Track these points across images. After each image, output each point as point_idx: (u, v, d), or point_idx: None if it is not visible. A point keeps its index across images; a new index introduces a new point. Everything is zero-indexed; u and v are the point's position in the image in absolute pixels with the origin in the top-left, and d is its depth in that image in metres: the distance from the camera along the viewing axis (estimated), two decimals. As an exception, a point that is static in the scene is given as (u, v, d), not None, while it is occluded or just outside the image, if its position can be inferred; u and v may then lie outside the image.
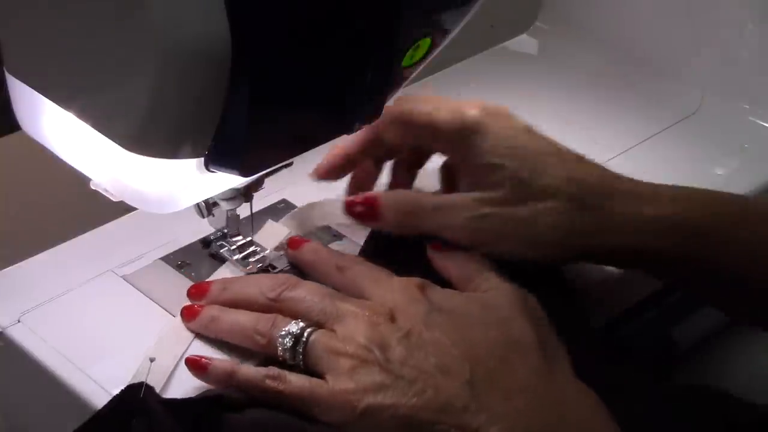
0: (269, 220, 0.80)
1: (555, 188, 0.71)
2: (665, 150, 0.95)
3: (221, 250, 0.78)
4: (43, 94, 0.66)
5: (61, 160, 0.70)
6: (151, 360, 0.68)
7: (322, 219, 0.80)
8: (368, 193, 0.75)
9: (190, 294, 0.72)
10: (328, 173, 0.78)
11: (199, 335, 0.71)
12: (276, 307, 0.68)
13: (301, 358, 0.65)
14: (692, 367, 0.87)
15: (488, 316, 0.66)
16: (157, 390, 0.66)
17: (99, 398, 0.69)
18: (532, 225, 0.71)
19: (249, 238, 0.78)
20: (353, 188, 0.80)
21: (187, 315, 0.71)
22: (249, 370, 0.66)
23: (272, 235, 0.78)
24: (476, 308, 0.67)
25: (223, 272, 0.77)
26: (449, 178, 0.77)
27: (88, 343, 0.73)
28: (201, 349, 0.70)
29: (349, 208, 0.74)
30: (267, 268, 0.78)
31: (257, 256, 0.78)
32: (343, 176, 0.79)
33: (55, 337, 0.73)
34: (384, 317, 0.65)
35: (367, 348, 0.64)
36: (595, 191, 0.72)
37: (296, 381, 0.64)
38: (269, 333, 0.67)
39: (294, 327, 0.66)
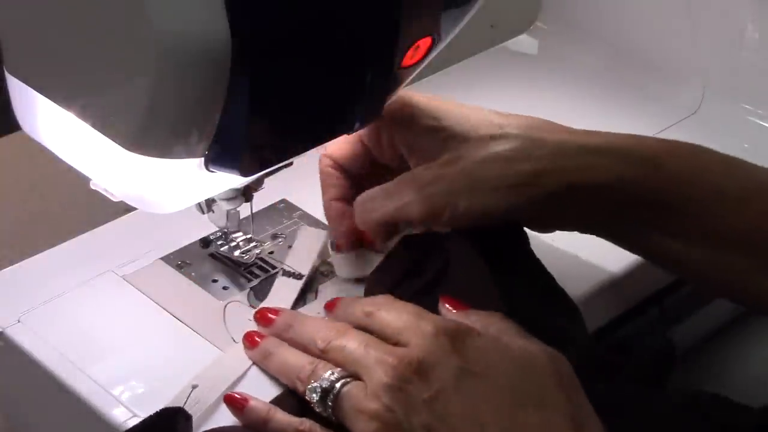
0: (303, 225, 0.78)
1: (495, 134, 0.70)
2: (665, 150, 0.95)
3: (221, 248, 0.78)
4: (43, 94, 0.66)
5: (61, 160, 0.70)
6: (193, 386, 0.67)
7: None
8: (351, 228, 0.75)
9: (256, 318, 0.72)
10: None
11: (250, 370, 0.70)
12: (324, 358, 0.66)
13: (330, 412, 0.64)
14: (691, 367, 0.87)
15: (523, 386, 0.62)
16: (195, 418, 0.65)
17: (99, 398, 0.69)
18: (479, 173, 0.69)
19: (249, 235, 0.78)
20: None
21: (249, 342, 0.70)
22: (283, 419, 0.65)
23: (312, 240, 0.77)
24: (512, 373, 0.62)
25: (284, 285, 0.76)
26: None
27: (88, 343, 0.73)
28: (252, 385, 0.69)
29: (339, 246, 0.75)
30: (264, 265, 0.78)
31: (257, 252, 0.78)
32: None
33: (55, 337, 0.73)
34: (412, 369, 0.62)
35: (392, 409, 0.61)
36: (540, 129, 0.71)
37: None
38: (306, 382, 0.65)
39: (324, 381, 0.64)
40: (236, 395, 0.67)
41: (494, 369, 0.62)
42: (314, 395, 0.64)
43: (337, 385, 0.63)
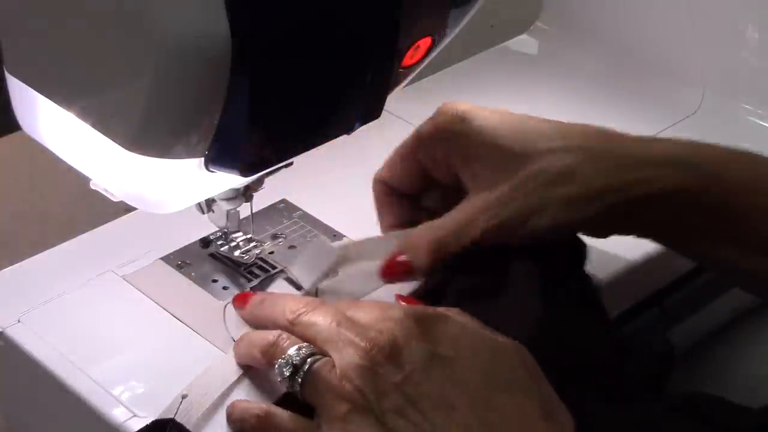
0: (318, 235, 0.77)
1: (554, 148, 0.70)
2: (665, 150, 0.95)
3: (221, 248, 0.78)
4: (43, 94, 0.66)
5: (61, 160, 0.70)
6: (183, 396, 0.66)
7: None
8: (394, 256, 0.73)
9: (234, 301, 0.72)
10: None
11: (243, 378, 0.69)
12: (292, 331, 0.66)
13: (298, 389, 0.63)
14: (691, 368, 0.87)
15: (494, 371, 0.62)
16: (188, 428, 0.65)
17: (99, 398, 0.69)
18: (545, 192, 0.69)
19: (249, 235, 0.78)
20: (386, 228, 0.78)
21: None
22: (240, 404, 0.65)
23: (322, 255, 0.76)
24: (483, 358, 0.62)
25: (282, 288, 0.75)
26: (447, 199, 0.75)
27: (88, 343, 0.73)
28: (244, 393, 0.68)
29: (385, 275, 0.73)
30: (264, 265, 0.78)
31: (257, 252, 0.78)
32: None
33: (55, 337, 0.73)
34: (384, 353, 0.62)
35: (362, 392, 0.61)
36: (600, 138, 0.71)
37: (287, 425, 0.63)
38: (270, 356, 0.65)
39: (295, 356, 0.64)
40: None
41: (464, 353, 0.62)
42: (285, 370, 0.64)
43: (309, 360, 0.63)
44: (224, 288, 0.77)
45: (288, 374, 0.64)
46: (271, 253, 0.80)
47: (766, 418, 0.72)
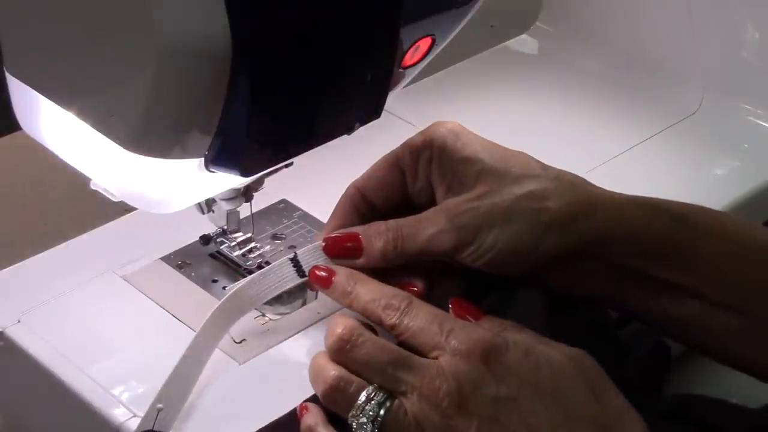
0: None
1: (531, 175, 0.70)
2: (665, 150, 0.95)
3: (221, 247, 0.78)
4: (43, 94, 0.66)
5: (61, 160, 0.70)
6: (159, 409, 0.66)
7: None
8: (347, 230, 0.72)
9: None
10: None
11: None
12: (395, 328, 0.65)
13: (378, 423, 0.63)
14: (687, 371, 0.87)
15: (556, 404, 0.62)
16: None
17: (99, 398, 0.69)
18: (514, 207, 0.68)
19: (249, 235, 0.78)
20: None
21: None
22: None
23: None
24: (544, 388, 0.63)
25: (281, 271, 0.72)
26: None
27: (88, 343, 0.73)
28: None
29: (330, 247, 0.71)
30: (265, 266, 0.78)
31: (256, 253, 0.78)
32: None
33: (55, 337, 0.73)
34: (453, 404, 0.62)
35: None
36: (576, 177, 0.71)
37: None
38: (335, 401, 0.64)
39: (368, 411, 0.63)
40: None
41: (526, 389, 0.63)
42: (370, 406, 0.63)
43: (381, 412, 0.63)
44: (224, 288, 0.77)
45: (373, 413, 0.63)
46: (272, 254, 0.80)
47: (763, 419, 0.72)
